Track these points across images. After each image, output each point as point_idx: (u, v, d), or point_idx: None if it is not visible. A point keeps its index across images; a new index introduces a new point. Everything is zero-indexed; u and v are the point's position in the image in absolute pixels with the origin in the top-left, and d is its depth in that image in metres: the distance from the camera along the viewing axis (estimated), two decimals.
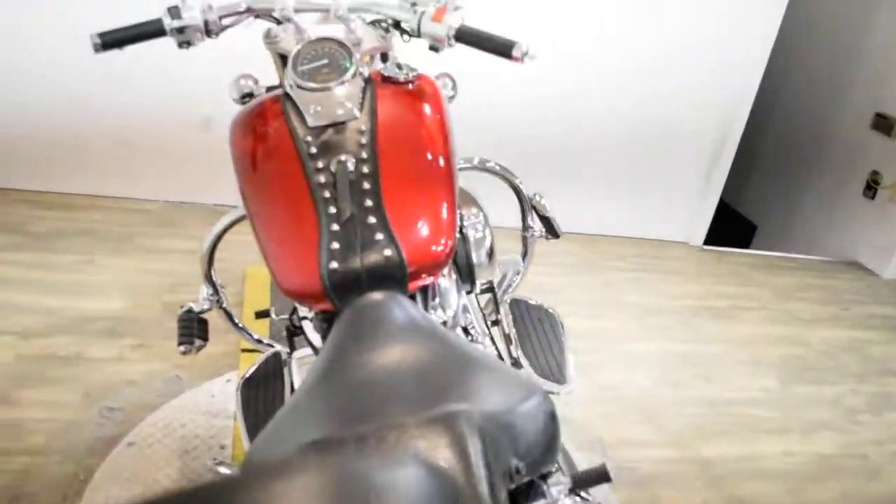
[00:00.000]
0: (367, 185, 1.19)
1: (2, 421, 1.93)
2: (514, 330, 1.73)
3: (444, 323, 1.28)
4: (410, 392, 0.85)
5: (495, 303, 1.78)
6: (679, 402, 2.55)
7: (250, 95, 1.40)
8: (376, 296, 1.09)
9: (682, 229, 3.89)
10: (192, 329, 1.60)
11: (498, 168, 1.76)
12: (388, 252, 1.12)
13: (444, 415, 0.75)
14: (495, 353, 1.62)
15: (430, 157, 1.27)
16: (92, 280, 2.58)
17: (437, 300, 1.26)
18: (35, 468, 1.81)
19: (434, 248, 1.17)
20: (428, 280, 1.17)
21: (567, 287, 3.16)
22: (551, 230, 1.78)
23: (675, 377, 2.69)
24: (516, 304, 1.82)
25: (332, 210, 1.16)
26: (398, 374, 0.91)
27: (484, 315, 1.72)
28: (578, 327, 2.82)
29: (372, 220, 1.15)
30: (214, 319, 1.60)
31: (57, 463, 1.83)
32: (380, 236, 1.13)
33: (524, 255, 1.87)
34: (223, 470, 1.64)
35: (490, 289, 1.78)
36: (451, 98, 1.53)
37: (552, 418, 0.91)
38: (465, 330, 1.58)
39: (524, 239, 1.85)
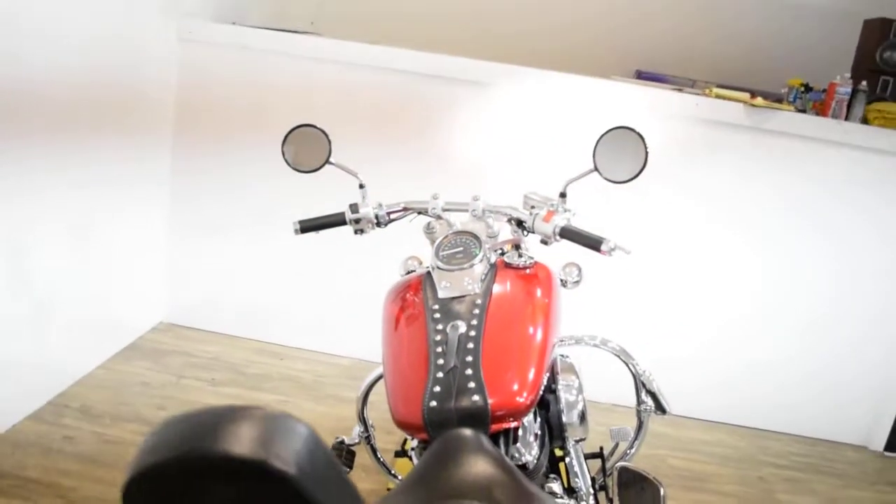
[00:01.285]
0: (470, 345, 1.49)
1: None
2: (616, 494, 1.89)
3: (524, 466, 1.51)
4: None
5: (603, 468, 1.96)
6: None
7: (413, 272, 1.83)
8: (463, 431, 1.36)
9: (861, 431, 3.70)
10: (341, 457, 1.96)
11: (617, 348, 2.01)
12: (476, 398, 1.40)
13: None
14: None
15: (528, 327, 1.57)
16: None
17: (518, 444, 1.50)
18: None
19: (517, 399, 1.44)
20: (510, 424, 1.43)
21: (714, 476, 3.15)
22: (659, 406, 1.96)
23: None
24: (625, 471, 1.97)
25: (441, 362, 1.47)
26: (461, 486, 1.16)
27: (594, 479, 1.91)
28: None
29: (469, 371, 1.44)
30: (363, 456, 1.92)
31: None
32: (472, 385, 1.42)
33: (638, 429, 2.04)
34: None
35: (599, 455, 1.98)
36: (577, 283, 1.87)
37: None
38: (572, 489, 1.78)
39: (638, 413, 2.03)
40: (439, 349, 1.50)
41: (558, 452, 1.77)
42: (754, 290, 3.53)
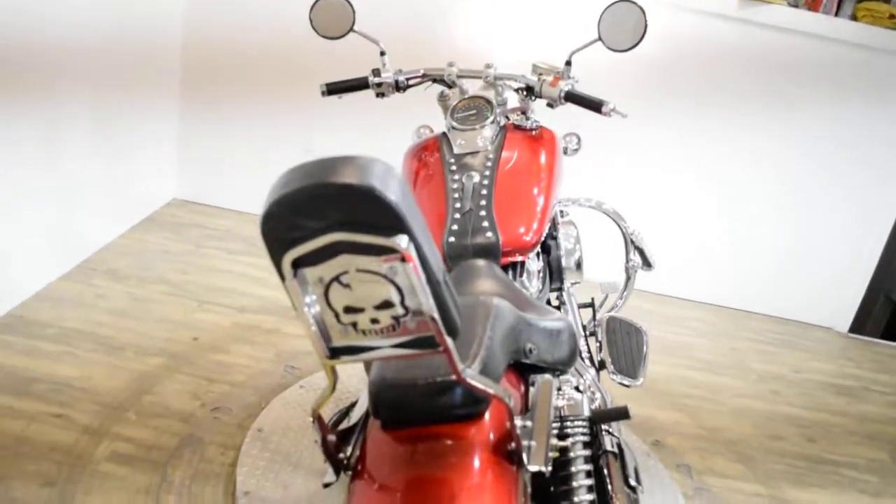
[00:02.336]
0: (483, 192, 1.70)
1: (217, 361, 2.63)
2: (605, 338, 2.14)
3: None
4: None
5: (594, 316, 2.21)
6: (777, 453, 2.76)
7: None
8: (477, 260, 1.59)
9: (828, 314, 4.00)
10: None
11: (610, 210, 2.22)
12: (489, 234, 1.62)
13: (488, 297, 1.22)
14: (587, 353, 2.05)
15: (534, 179, 1.78)
16: None
17: (524, 277, 1.73)
18: (234, 394, 2.46)
19: (523, 237, 1.66)
20: (517, 258, 1.66)
21: (691, 345, 3.45)
22: (646, 261, 2.19)
23: (778, 432, 2.89)
24: (612, 320, 2.22)
25: (458, 206, 1.68)
26: (477, 291, 1.39)
27: (585, 326, 2.16)
28: (692, 378, 3.13)
29: (482, 213, 1.66)
30: None
31: (249, 394, 2.47)
32: (485, 224, 1.63)
33: (626, 283, 2.28)
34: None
35: (590, 305, 2.22)
36: (576, 150, 2.07)
37: (571, 335, 1.35)
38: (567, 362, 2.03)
39: (626, 270, 2.26)
40: (456, 195, 1.71)
41: (554, 302, 2.01)
42: (732, 178, 3.74)
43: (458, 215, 1.67)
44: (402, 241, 0.75)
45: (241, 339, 2.80)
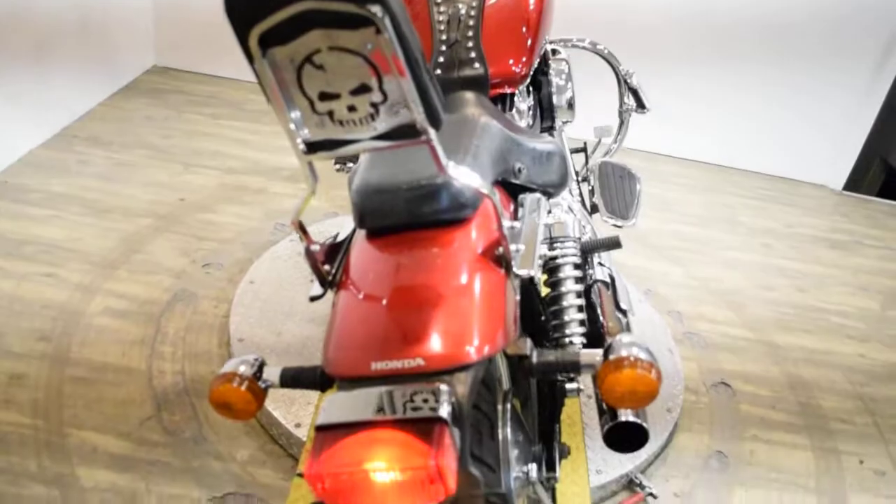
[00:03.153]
0: (471, 23, 1.62)
1: (205, 220, 2.60)
2: (597, 182, 2.10)
3: None
4: None
5: (586, 160, 2.16)
6: (766, 301, 2.79)
7: None
8: (466, 93, 1.53)
9: (821, 171, 3.96)
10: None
11: (605, 51, 2.14)
12: (476, 66, 1.55)
13: (476, 116, 1.18)
14: (579, 199, 2.02)
15: (522, 11, 1.69)
16: (284, 144, 3.20)
17: (514, 111, 1.67)
18: (224, 251, 2.46)
19: (512, 69, 1.59)
20: (506, 90, 1.60)
21: (684, 201, 3.43)
22: (640, 103, 2.13)
23: (769, 283, 2.91)
24: (605, 165, 2.18)
25: (444, 37, 1.60)
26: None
27: (577, 172, 2.12)
28: (682, 231, 3.12)
29: (469, 44, 1.58)
30: None
31: (239, 250, 2.47)
32: (473, 55, 1.56)
33: (620, 127, 2.23)
34: None
35: (583, 150, 2.17)
36: None
37: (562, 158, 1.31)
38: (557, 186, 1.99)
39: (620, 113, 2.20)
40: (441, 27, 1.63)
41: None
42: (726, 32, 3.61)
43: (444, 47, 1.59)
44: (376, 9, 0.70)
45: (228, 199, 2.76)
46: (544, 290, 1.35)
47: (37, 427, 1.80)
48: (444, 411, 0.77)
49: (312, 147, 0.84)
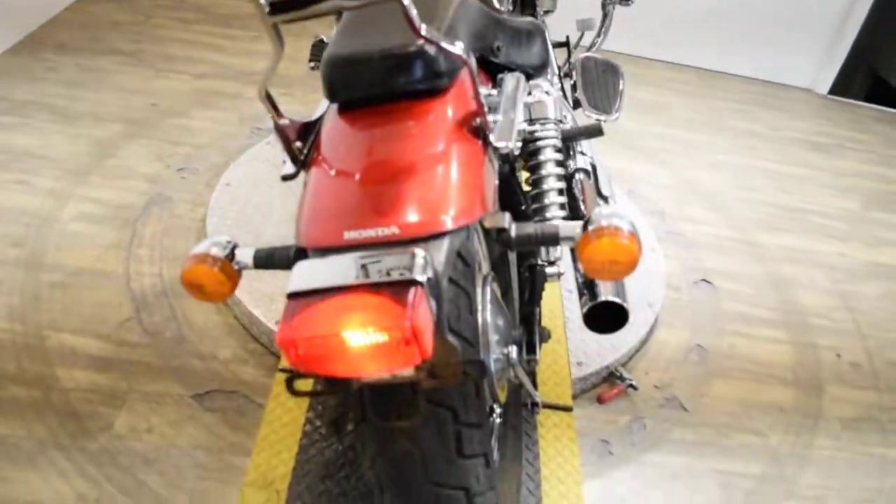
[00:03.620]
0: None
1: (179, 125, 2.54)
2: (580, 77, 2.05)
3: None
4: None
5: (568, 54, 2.10)
6: (750, 202, 2.78)
7: None
8: None
9: (808, 76, 3.91)
10: (321, 51, 2.06)
11: None
12: None
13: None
14: (561, 93, 1.97)
15: None
16: (258, 49, 3.11)
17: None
18: (199, 155, 2.41)
19: None
20: None
21: (670, 105, 3.38)
22: None
23: (753, 184, 2.90)
24: (588, 59, 2.12)
25: None
26: None
27: (559, 66, 2.05)
28: (670, 135, 3.09)
29: None
30: None
31: (215, 154, 2.42)
32: None
33: (603, 20, 2.15)
34: None
35: (565, 44, 2.11)
36: None
37: (542, 39, 1.26)
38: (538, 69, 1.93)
39: (603, 5, 2.13)
40: None
41: None
42: None
43: None
44: None
45: (202, 104, 2.69)
46: (524, 175, 1.32)
47: (14, 331, 1.78)
48: (420, 275, 0.75)
49: (277, 7, 0.80)
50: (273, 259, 0.99)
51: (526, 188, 1.32)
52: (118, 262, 1.99)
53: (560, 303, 1.91)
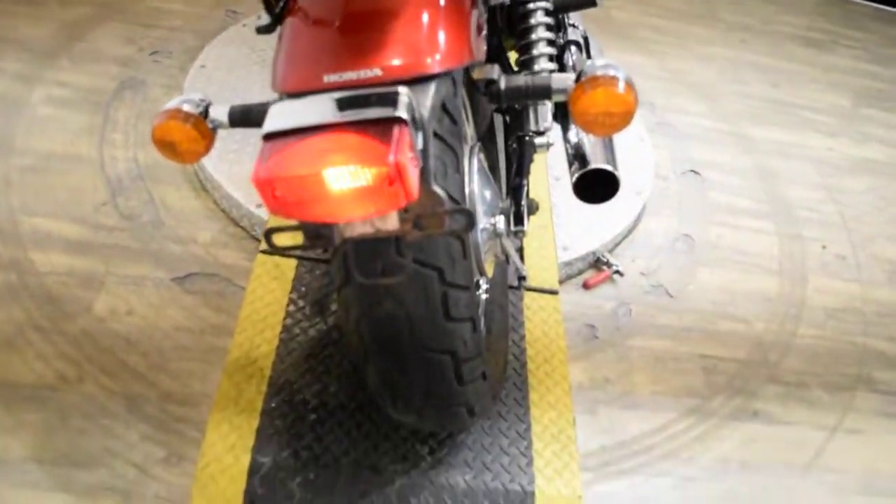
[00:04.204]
0: None
1: (152, 7, 2.43)
2: None
3: None
4: None
5: None
6: (740, 94, 2.72)
7: None
8: None
9: None
10: None
11: None
12: None
13: None
14: None
15: None
16: None
17: None
18: (173, 38, 2.32)
19: None
20: None
21: None
22: None
23: (743, 77, 2.84)
24: None
25: None
26: None
27: None
28: (660, 25, 3.00)
29: None
30: None
31: (189, 38, 2.33)
32: None
33: None
34: None
35: None
36: None
37: None
38: None
39: None
40: None
41: None
42: None
43: None
44: None
45: None
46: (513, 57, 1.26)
47: None
48: (404, 112, 0.70)
49: None
50: (250, 116, 0.94)
51: (513, 57, 1.26)
52: (91, 146, 1.92)
53: (547, 189, 1.87)
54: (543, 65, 1.11)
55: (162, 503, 1.31)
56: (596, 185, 1.13)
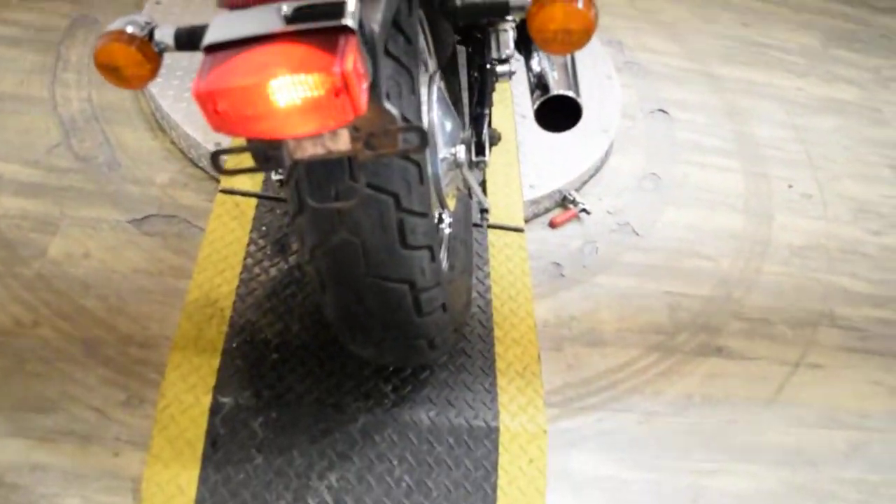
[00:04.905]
0: None
1: None
2: None
3: None
4: None
5: None
6: (710, 34, 2.69)
7: None
8: None
9: None
10: None
11: None
12: None
13: None
14: None
15: None
16: None
17: None
18: None
19: None
20: None
21: None
22: None
23: (713, 16, 2.81)
24: None
25: None
26: None
27: None
28: None
29: None
30: None
31: None
32: None
33: None
34: None
35: None
36: None
37: None
38: None
39: None
40: None
41: None
42: None
43: None
44: None
45: None
46: None
47: None
48: (351, 21, 0.67)
49: None
50: (195, 38, 0.89)
51: None
52: (43, 86, 1.85)
53: (513, 127, 1.84)
54: None
55: (123, 446, 1.29)
56: (558, 113, 1.11)
